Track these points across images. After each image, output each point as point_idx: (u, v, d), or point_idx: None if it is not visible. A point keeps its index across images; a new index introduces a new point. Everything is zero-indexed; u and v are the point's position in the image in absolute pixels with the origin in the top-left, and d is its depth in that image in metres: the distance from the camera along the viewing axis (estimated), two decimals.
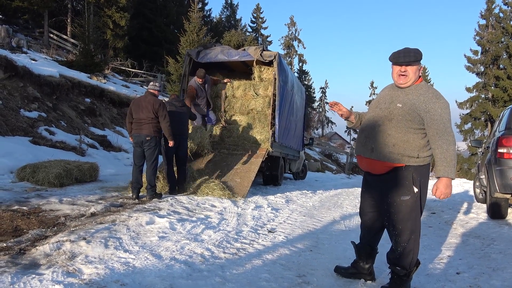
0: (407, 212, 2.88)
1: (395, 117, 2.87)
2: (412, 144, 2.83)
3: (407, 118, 2.82)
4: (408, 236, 2.89)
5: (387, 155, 2.87)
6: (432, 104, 2.78)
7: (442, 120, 2.75)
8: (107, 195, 6.42)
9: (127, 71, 23.28)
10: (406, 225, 2.89)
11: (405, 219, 2.88)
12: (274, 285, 3.04)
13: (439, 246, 4.50)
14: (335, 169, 27.32)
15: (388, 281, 3.05)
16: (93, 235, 3.91)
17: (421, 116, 2.79)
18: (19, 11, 21.79)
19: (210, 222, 4.98)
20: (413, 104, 2.82)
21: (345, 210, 6.79)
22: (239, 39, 21.30)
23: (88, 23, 18.13)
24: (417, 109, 2.80)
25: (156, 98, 6.43)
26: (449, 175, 2.73)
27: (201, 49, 9.31)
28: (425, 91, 2.86)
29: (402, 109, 2.84)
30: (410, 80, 2.89)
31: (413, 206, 2.87)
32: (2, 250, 3.46)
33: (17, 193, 6.03)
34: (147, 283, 2.91)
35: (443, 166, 2.74)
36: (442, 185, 2.76)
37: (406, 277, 2.94)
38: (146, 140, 6.26)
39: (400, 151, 2.84)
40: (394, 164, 2.87)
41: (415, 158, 2.84)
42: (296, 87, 10.38)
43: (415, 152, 2.83)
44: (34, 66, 12.32)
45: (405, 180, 2.85)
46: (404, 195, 2.86)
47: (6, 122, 9.40)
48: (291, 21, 55.27)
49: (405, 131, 2.83)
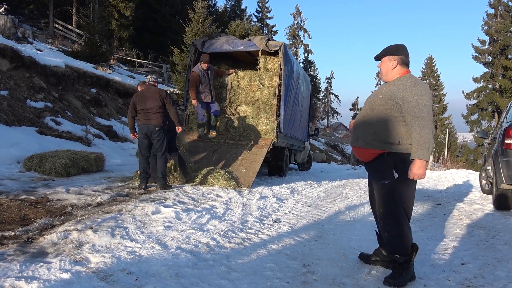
0: (387, 196, 3.02)
1: (376, 107, 3.07)
2: (392, 131, 2.97)
3: (386, 107, 2.99)
4: (390, 220, 3.01)
5: (370, 142, 3.04)
6: (409, 92, 2.92)
7: (417, 106, 2.87)
8: (113, 185, 6.47)
9: (132, 62, 23.25)
10: (387, 208, 3.02)
11: (386, 202, 3.03)
12: (279, 275, 3.06)
13: (444, 236, 4.50)
14: (340, 160, 27.30)
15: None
16: (99, 225, 3.95)
17: (399, 104, 2.94)
18: (25, 1, 21.75)
19: (215, 212, 5.01)
20: (392, 93, 2.99)
21: (350, 201, 6.80)
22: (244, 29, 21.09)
23: (93, 13, 18.06)
24: (396, 98, 2.96)
25: (160, 88, 6.45)
26: (420, 157, 2.84)
27: (206, 39, 9.28)
28: (405, 81, 3.01)
29: (382, 99, 3.04)
30: (386, 73, 3.14)
31: (394, 190, 2.99)
32: (10, 238, 3.51)
33: (25, 183, 6.08)
34: (153, 271, 2.94)
35: (415, 149, 2.85)
36: (414, 167, 2.87)
37: (407, 264, 2.99)
38: (155, 130, 6.24)
39: (381, 138, 3.00)
40: (376, 150, 3.03)
41: (396, 145, 2.96)
42: (301, 77, 10.34)
43: (396, 139, 2.96)
44: (40, 57, 12.35)
45: (386, 165, 3.00)
46: (384, 179, 3.02)
47: (13, 112, 9.46)
48: (297, 11, 54.85)
49: (385, 119, 2.99)
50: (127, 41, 24.69)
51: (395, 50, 3.11)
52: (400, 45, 3.16)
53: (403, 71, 3.09)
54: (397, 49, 3.11)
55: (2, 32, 14.10)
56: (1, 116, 8.96)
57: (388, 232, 3.04)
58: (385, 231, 3.06)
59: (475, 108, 39.19)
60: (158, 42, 26.45)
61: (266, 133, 8.59)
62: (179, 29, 21.31)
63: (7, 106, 9.47)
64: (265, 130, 8.63)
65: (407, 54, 3.13)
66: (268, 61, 9.17)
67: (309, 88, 11.98)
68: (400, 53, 3.10)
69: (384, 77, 3.17)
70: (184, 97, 9.57)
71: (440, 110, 52.31)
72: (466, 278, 3.12)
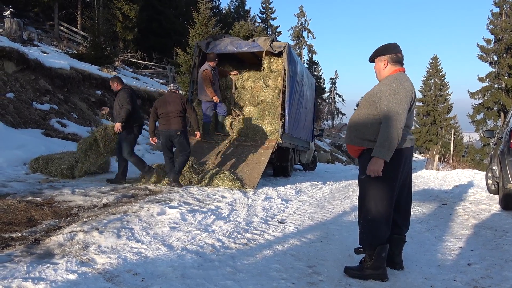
0: (363, 191, 3.13)
1: (360, 106, 3.23)
2: (370, 129, 3.06)
3: (366, 105, 3.13)
4: (364, 214, 3.10)
5: (353, 139, 3.18)
6: (385, 91, 3.01)
7: (387, 105, 2.95)
8: (119, 186, 6.49)
9: (137, 63, 23.32)
10: (362, 203, 3.13)
11: (361, 197, 3.15)
12: (284, 276, 3.05)
13: (450, 237, 4.48)
14: (345, 160, 27.25)
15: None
16: (105, 226, 3.96)
17: (376, 102, 3.04)
18: (30, 4, 21.90)
19: (220, 213, 5.01)
20: (373, 92, 3.12)
21: (355, 201, 6.76)
22: (248, 30, 21.14)
23: (97, 15, 18.15)
24: (374, 97, 3.08)
25: (181, 94, 6.66)
26: (376, 154, 2.93)
27: (210, 40, 9.30)
28: (387, 80, 3.09)
29: (364, 98, 3.20)
30: (378, 74, 3.22)
31: (369, 185, 3.06)
32: (17, 240, 3.53)
33: (31, 184, 6.12)
34: (159, 272, 2.95)
35: (375, 146, 2.96)
36: (370, 163, 2.98)
37: (369, 259, 3.07)
38: (176, 135, 6.55)
39: (360, 135, 3.12)
40: (357, 147, 3.16)
41: (373, 142, 3.03)
42: (306, 78, 10.33)
43: (373, 136, 3.04)
44: (45, 59, 12.41)
45: (364, 161, 3.08)
46: (361, 174, 3.14)
47: (19, 114, 9.52)
48: (301, 11, 54.82)
49: (364, 117, 3.11)
50: (131, 43, 24.79)
51: (383, 50, 3.18)
52: (389, 44, 3.20)
53: (394, 70, 3.14)
54: (385, 49, 3.18)
55: (8, 35, 14.19)
56: (7, 119, 9.02)
57: (361, 225, 3.14)
58: (360, 224, 3.17)
59: (481, 108, 38.98)
60: (163, 43, 26.53)
61: (270, 133, 8.59)
62: (183, 30, 21.33)
63: (13, 109, 9.53)
64: (270, 130, 8.63)
65: (397, 51, 3.15)
66: (272, 62, 9.18)
67: (313, 88, 11.97)
68: (388, 52, 3.15)
69: (378, 78, 3.25)
70: (189, 99, 9.57)
71: (445, 110, 52.09)
72: (473, 279, 3.10)
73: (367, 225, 3.08)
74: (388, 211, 3.05)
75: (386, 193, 3.04)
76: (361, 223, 3.14)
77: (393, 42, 3.20)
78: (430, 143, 48.47)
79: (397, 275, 3.19)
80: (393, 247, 3.22)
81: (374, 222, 3.04)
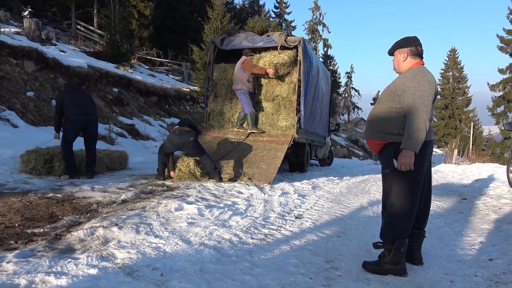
0: (387, 185, 3.10)
1: (381, 99, 3.18)
2: (393, 122, 3.03)
3: (388, 98, 3.10)
4: (388, 208, 3.07)
5: (374, 133, 3.15)
6: (409, 83, 2.97)
7: (413, 97, 2.91)
8: (137, 183, 6.57)
9: (152, 60, 23.52)
10: (387, 197, 3.10)
11: (386, 192, 3.12)
12: (302, 271, 3.06)
13: (470, 232, 4.40)
14: (362, 155, 27.03)
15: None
16: (124, 221, 4.02)
17: (399, 95, 3.01)
18: (48, 3, 22.26)
19: (237, 208, 5.03)
20: (395, 86, 3.08)
21: (372, 196, 6.72)
22: (262, 25, 21.08)
23: (113, 13, 18.34)
24: (397, 90, 3.04)
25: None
26: (405, 146, 2.88)
27: (225, 36, 9.30)
28: (409, 73, 3.05)
29: (386, 92, 3.16)
30: (397, 67, 3.21)
31: (394, 179, 3.03)
32: (39, 235, 3.61)
33: (51, 181, 6.24)
34: (178, 267, 2.98)
35: (404, 139, 2.91)
36: (400, 156, 2.92)
37: (387, 254, 3.06)
38: (189, 141, 6.77)
39: (382, 129, 3.09)
40: (379, 141, 3.12)
41: (396, 135, 3.01)
42: (321, 73, 10.25)
43: (396, 129, 3.01)
44: (63, 58, 12.63)
45: (388, 155, 3.07)
46: (385, 168, 3.10)
47: (39, 112, 9.71)
48: (315, 5, 54.36)
49: (387, 111, 3.08)
50: (147, 40, 24.99)
51: (404, 42, 3.16)
52: (409, 37, 3.18)
53: (414, 63, 3.11)
54: (406, 41, 3.16)
55: (27, 34, 14.46)
56: (28, 117, 9.21)
57: (384, 220, 3.13)
58: (383, 218, 3.15)
59: (501, 100, 38.16)
60: (178, 40, 26.68)
61: (286, 129, 8.57)
62: (198, 27, 21.41)
63: (34, 107, 9.73)
64: (285, 126, 8.61)
65: (417, 44, 3.13)
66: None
67: (329, 83, 11.88)
68: (409, 45, 3.13)
69: (397, 70, 3.23)
70: (205, 95, 9.62)
71: (464, 103, 51.16)
72: (495, 274, 3.05)
73: (390, 219, 3.05)
74: (413, 205, 3.02)
75: (411, 187, 3.00)
76: (385, 217, 3.11)
77: (414, 35, 3.18)
78: (448, 137, 47.73)
79: (416, 270, 3.15)
80: (412, 242, 3.18)
81: (398, 217, 3.01)
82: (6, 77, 9.80)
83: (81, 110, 6.84)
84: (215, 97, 9.39)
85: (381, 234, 3.13)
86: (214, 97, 9.39)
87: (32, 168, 6.62)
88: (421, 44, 3.15)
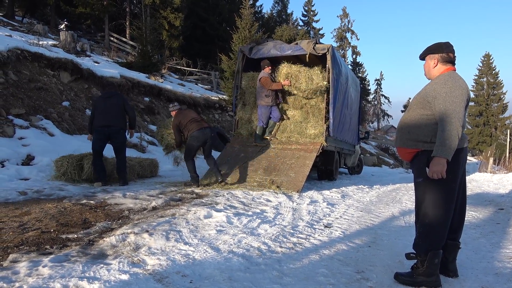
0: (420, 195, 3.03)
1: (411, 107, 3.12)
2: (424, 129, 2.97)
3: (419, 106, 3.04)
4: (421, 218, 3.00)
5: (405, 142, 3.09)
6: (439, 89, 2.91)
7: (444, 103, 2.85)
8: (167, 190, 6.67)
9: (182, 70, 23.94)
10: (420, 207, 3.02)
11: (419, 201, 3.04)
12: (332, 281, 3.00)
13: (508, 244, 4.22)
14: (392, 164, 26.48)
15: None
16: (155, 228, 4.08)
17: (430, 102, 2.95)
18: (82, 17, 23.11)
19: (265, 216, 5.02)
20: (426, 92, 3.02)
21: (404, 206, 6.56)
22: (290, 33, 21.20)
23: (145, 25, 18.84)
24: (428, 96, 2.98)
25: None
26: (437, 154, 2.82)
27: (253, 45, 9.37)
28: (440, 79, 2.99)
29: (416, 99, 3.10)
30: (428, 72, 3.15)
31: (427, 189, 2.96)
32: (73, 241, 3.71)
33: (85, 188, 6.42)
34: (207, 275, 2.99)
35: (435, 146, 2.85)
36: (431, 164, 2.86)
37: (421, 265, 2.96)
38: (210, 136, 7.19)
39: (413, 137, 3.03)
40: (411, 149, 3.06)
41: (428, 143, 2.95)
42: (350, 80, 10.16)
43: (428, 137, 2.95)
44: (97, 68, 13.02)
45: (420, 163, 3.01)
46: (418, 177, 3.04)
47: (73, 121, 10.04)
48: (344, 12, 54.07)
49: (417, 118, 3.02)
50: (177, 51, 25.51)
51: (435, 48, 3.10)
52: (441, 43, 3.11)
53: (445, 69, 3.05)
54: (437, 48, 3.10)
55: (63, 46, 15.04)
56: (63, 126, 9.53)
57: (417, 230, 3.06)
58: (416, 229, 3.08)
59: None
60: (207, 50, 27.10)
61: (315, 136, 8.51)
62: (227, 36, 21.70)
63: (69, 116, 10.07)
64: (314, 134, 8.55)
65: (450, 51, 3.06)
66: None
67: (358, 90, 11.75)
68: (440, 51, 3.07)
69: (427, 76, 3.18)
70: (233, 103, 9.69)
71: (499, 110, 49.40)
72: None
73: (423, 229, 2.97)
74: (448, 215, 2.94)
75: (445, 196, 2.92)
76: (418, 227, 3.04)
77: (446, 41, 3.10)
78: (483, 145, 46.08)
79: (451, 282, 3.05)
80: (447, 253, 3.08)
81: (432, 227, 2.93)
82: (44, 87, 10.19)
83: (104, 122, 7.04)
84: (244, 106, 9.44)
85: (414, 245, 3.05)
86: (243, 106, 9.45)
87: (63, 173, 6.86)
88: (453, 51, 3.07)
